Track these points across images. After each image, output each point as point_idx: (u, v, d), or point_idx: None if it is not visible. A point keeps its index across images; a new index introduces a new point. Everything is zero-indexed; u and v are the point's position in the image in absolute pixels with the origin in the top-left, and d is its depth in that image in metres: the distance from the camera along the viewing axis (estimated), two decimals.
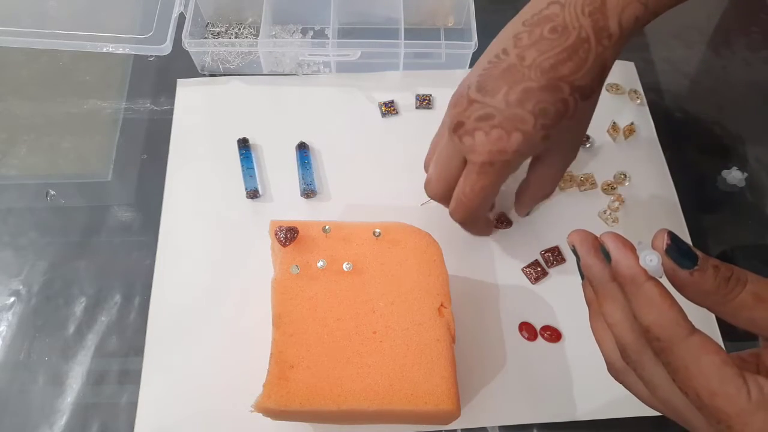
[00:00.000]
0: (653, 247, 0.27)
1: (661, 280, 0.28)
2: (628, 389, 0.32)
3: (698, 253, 0.27)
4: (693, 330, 0.26)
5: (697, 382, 0.26)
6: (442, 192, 0.45)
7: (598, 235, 0.30)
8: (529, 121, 0.39)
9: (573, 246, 0.31)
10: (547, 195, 0.48)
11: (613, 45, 0.38)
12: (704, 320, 0.48)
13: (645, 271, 0.27)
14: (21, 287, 0.49)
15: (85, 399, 0.45)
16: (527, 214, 0.52)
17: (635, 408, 0.45)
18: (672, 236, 0.27)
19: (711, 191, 0.56)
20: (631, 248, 0.28)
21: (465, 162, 0.42)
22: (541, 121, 0.39)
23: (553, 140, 0.41)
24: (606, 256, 0.29)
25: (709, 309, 0.28)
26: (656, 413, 0.43)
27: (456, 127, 0.41)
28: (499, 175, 0.41)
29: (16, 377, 0.46)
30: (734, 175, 0.55)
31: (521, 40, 0.39)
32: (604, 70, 0.39)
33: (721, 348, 0.27)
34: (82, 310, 0.48)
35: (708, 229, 0.53)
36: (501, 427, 0.45)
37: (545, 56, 0.38)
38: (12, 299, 0.49)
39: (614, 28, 0.38)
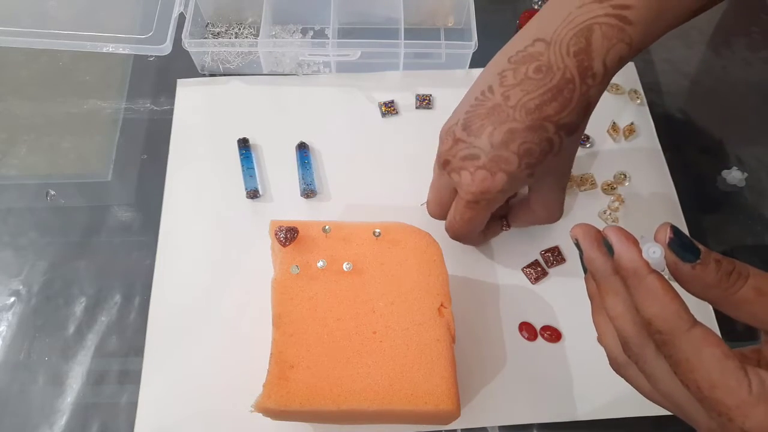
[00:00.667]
0: (656, 240, 0.28)
1: (663, 274, 0.28)
2: (629, 383, 0.32)
3: (700, 247, 0.27)
4: (694, 323, 0.27)
5: (699, 375, 0.26)
6: (438, 214, 0.48)
7: (601, 230, 0.30)
8: (514, 161, 0.40)
9: (576, 239, 0.31)
10: (553, 219, 0.47)
11: (598, 84, 0.39)
12: (703, 318, 0.48)
13: (647, 264, 0.28)
14: (21, 287, 0.49)
15: (85, 399, 0.45)
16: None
17: (635, 408, 0.45)
18: (675, 230, 0.27)
19: (711, 191, 0.56)
20: (634, 242, 0.28)
21: (455, 191, 0.44)
22: (525, 161, 0.40)
23: (540, 174, 0.41)
24: (609, 249, 0.29)
25: (710, 303, 0.28)
26: (656, 413, 0.44)
27: (444, 164, 0.43)
28: (485, 210, 0.43)
29: (16, 377, 0.46)
30: (734, 175, 0.55)
31: (506, 78, 0.40)
32: (588, 108, 0.40)
33: (722, 341, 0.27)
34: (82, 310, 0.48)
35: (708, 229, 0.53)
36: (501, 427, 0.45)
37: (530, 96, 0.39)
38: (12, 299, 0.49)
39: (599, 68, 0.38)
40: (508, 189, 0.41)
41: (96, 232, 0.52)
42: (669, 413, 0.31)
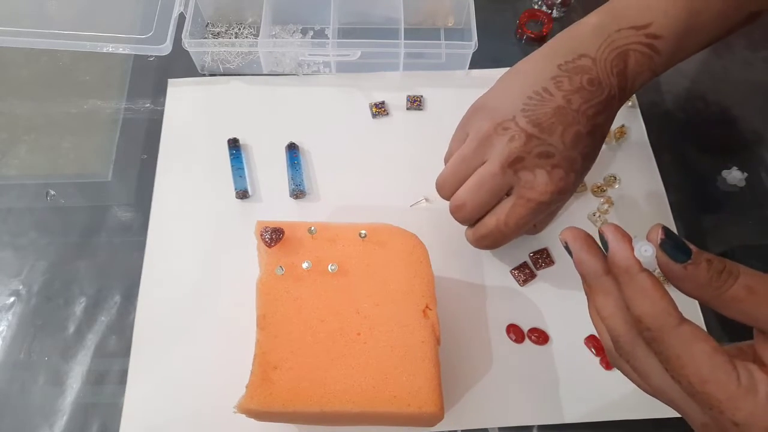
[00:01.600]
0: (648, 240, 0.28)
1: (655, 273, 0.29)
2: (625, 376, 0.32)
3: (692, 247, 0.28)
4: (683, 320, 0.28)
5: (689, 370, 0.27)
6: (475, 218, 0.45)
7: (598, 227, 0.30)
8: (579, 162, 0.41)
9: (565, 242, 0.31)
10: (537, 232, 0.50)
11: (622, 103, 0.43)
12: (691, 317, 0.48)
13: (639, 263, 0.28)
14: (21, 287, 0.49)
15: (85, 399, 0.45)
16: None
17: (622, 411, 0.45)
18: (666, 231, 0.28)
19: (711, 191, 0.56)
20: (629, 240, 0.29)
21: (507, 193, 0.43)
22: (585, 164, 0.42)
23: None
24: (604, 246, 0.30)
25: (702, 301, 0.28)
26: (640, 416, 0.44)
27: (514, 161, 0.41)
28: (546, 212, 0.43)
29: (16, 377, 0.46)
30: (734, 175, 0.55)
31: (562, 84, 0.41)
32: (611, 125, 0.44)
33: (711, 337, 0.27)
34: (82, 310, 0.48)
35: (708, 229, 0.53)
36: (488, 429, 0.45)
37: (589, 105, 0.41)
38: (12, 299, 0.49)
39: (629, 90, 0.42)
40: (574, 191, 0.43)
41: (96, 232, 0.52)
42: (667, 415, 0.31)
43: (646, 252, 0.28)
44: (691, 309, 0.48)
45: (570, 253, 0.31)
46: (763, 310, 0.27)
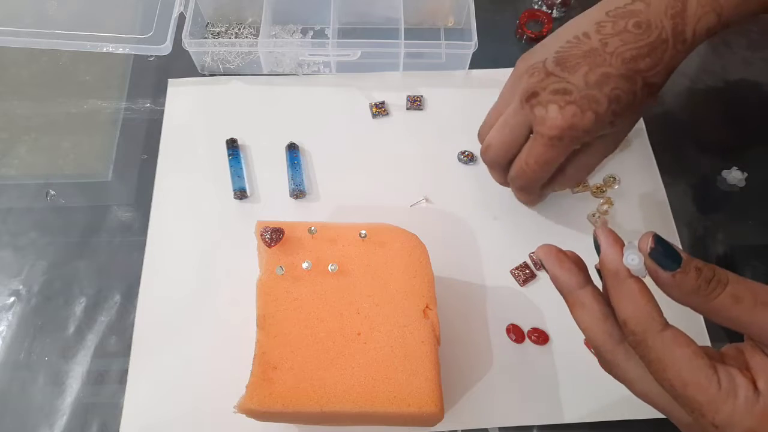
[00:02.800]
0: (639, 248, 0.29)
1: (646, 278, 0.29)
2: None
3: (682, 254, 0.28)
4: (666, 325, 0.28)
5: (671, 373, 0.28)
6: (501, 158, 0.45)
7: (593, 230, 0.31)
8: (603, 103, 0.40)
9: (539, 260, 0.33)
10: (579, 182, 0.49)
11: (685, 50, 0.41)
12: (692, 319, 0.48)
13: (628, 268, 0.29)
14: (21, 287, 0.49)
15: (85, 399, 0.45)
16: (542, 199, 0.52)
17: (623, 411, 0.45)
18: (657, 239, 0.28)
19: (711, 191, 0.56)
20: (621, 244, 0.30)
21: (529, 131, 0.43)
22: (613, 107, 0.40)
23: (612, 128, 0.42)
24: (597, 249, 0.30)
25: (690, 308, 0.29)
26: (640, 417, 0.44)
27: (530, 96, 0.41)
28: (566, 149, 0.42)
29: (16, 377, 0.46)
30: (734, 175, 0.55)
31: (604, 28, 0.41)
32: (670, 72, 0.41)
33: (693, 341, 0.28)
34: (82, 310, 0.48)
35: (708, 229, 0.53)
36: (488, 429, 0.45)
37: (627, 47, 0.40)
38: (12, 299, 0.49)
39: (689, 34, 0.40)
40: (592, 131, 0.41)
41: (96, 232, 0.52)
42: (663, 416, 0.31)
43: (632, 261, 0.29)
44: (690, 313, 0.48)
45: (545, 269, 0.33)
46: (750, 318, 0.27)
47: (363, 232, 0.42)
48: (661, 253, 0.28)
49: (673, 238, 0.52)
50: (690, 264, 0.28)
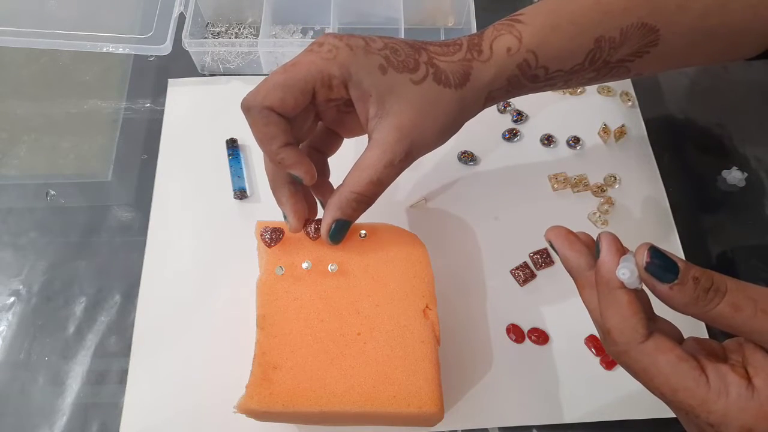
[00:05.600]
0: (636, 260, 0.28)
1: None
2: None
3: (680, 264, 0.28)
4: (648, 335, 0.28)
5: (658, 381, 0.28)
6: None
7: (598, 234, 0.31)
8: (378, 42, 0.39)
9: (550, 241, 0.33)
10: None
11: (485, 60, 0.39)
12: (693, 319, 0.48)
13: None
14: (21, 287, 0.49)
15: (85, 399, 0.45)
16: None
17: (622, 411, 0.45)
18: (653, 252, 0.28)
19: (711, 191, 0.56)
20: (621, 254, 0.30)
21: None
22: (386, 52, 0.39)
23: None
24: (598, 253, 0.30)
25: (691, 316, 0.29)
26: (648, 416, 0.44)
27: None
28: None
29: (16, 377, 0.46)
30: (734, 175, 0.55)
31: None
32: (467, 75, 0.39)
33: (676, 345, 0.28)
34: (82, 310, 0.48)
35: (708, 229, 0.53)
36: (488, 429, 0.45)
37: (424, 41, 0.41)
38: (12, 299, 0.49)
39: (486, 46, 0.40)
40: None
41: (96, 232, 0.52)
42: (667, 415, 0.31)
43: (624, 275, 0.28)
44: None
45: (555, 250, 0.33)
46: (750, 327, 0.27)
47: (363, 232, 0.42)
48: (658, 266, 0.28)
49: (673, 238, 0.52)
50: (687, 274, 0.28)
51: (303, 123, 0.40)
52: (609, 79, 0.43)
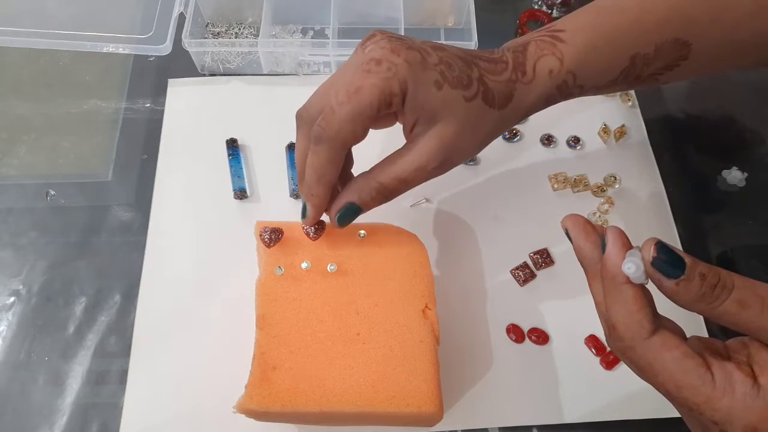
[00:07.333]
0: (642, 254, 0.28)
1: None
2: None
3: (686, 260, 0.28)
4: (654, 331, 0.28)
5: (663, 378, 0.28)
6: None
7: (605, 228, 0.31)
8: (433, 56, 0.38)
9: (566, 229, 0.33)
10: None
11: (528, 82, 0.39)
12: (693, 319, 0.48)
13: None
14: (21, 287, 0.49)
15: (85, 399, 0.45)
16: None
17: (622, 411, 0.45)
18: (659, 247, 0.28)
19: (711, 191, 0.56)
20: (627, 249, 0.29)
21: None
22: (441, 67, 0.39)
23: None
24: (604, 247, 0.30)
25: (697, 313, 0.29)
26: (648, 416, 0.44)
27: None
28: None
29: (16, 377, 0.46)
30: (734, 175, 0.55)
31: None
32: (510, 95, 0.40)
33: (682, 342, 0.28)
34: (82, 310, 0.48)
35: (708, 229, 0.53)
36: (488, 429, 0.45)
37: (473, 52, 0.41)
38: (12, 299, 0.49)
39: (529, 67, 0.39)
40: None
41: (96, 232, 0.52)
42: (667, 415, 0.31)
43: (629, 270, 0.28)
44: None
45: (570, 239, 0.32)
46: (757, 324, 0.27)
47: (362, 232, 0.42)
48: (664, 261, 0.28)
49: (673, 238, 0.52)
50: (694, 270, 0.27)
51: None
52: (637, 89, 0.43)
